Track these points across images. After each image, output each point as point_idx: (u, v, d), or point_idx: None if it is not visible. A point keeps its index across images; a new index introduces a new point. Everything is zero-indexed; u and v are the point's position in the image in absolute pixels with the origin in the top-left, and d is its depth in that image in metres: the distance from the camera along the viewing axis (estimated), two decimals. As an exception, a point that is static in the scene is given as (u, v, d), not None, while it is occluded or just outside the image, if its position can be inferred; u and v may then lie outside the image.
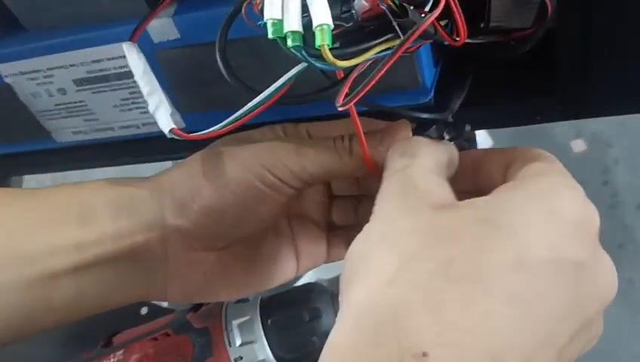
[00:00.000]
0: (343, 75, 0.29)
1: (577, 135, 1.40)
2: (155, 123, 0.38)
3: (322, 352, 0.22)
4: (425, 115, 0.31)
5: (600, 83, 0.32)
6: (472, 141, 0.51)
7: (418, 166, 0.26)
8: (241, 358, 0.38)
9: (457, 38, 0.27)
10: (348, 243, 0.25)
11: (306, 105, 0.34)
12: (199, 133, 0.30)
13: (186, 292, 0.35)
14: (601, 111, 0.33)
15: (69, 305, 0.33)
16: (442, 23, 0.28)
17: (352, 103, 0.26)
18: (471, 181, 0.29)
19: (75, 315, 0.34)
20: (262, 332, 0.39)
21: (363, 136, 0.30)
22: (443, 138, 0.31)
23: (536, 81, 0.34)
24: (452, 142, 0.29)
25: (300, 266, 0.37)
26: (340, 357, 0.21)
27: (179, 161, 0.37)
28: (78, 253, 0.33)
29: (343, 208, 0.38)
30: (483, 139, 1.32)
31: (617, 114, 0.33)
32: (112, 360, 0.40)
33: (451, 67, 0.35)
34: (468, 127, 0.31)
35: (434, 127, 0.31)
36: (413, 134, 0.32)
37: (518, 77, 0.35)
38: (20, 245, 0.32)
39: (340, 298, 0.24)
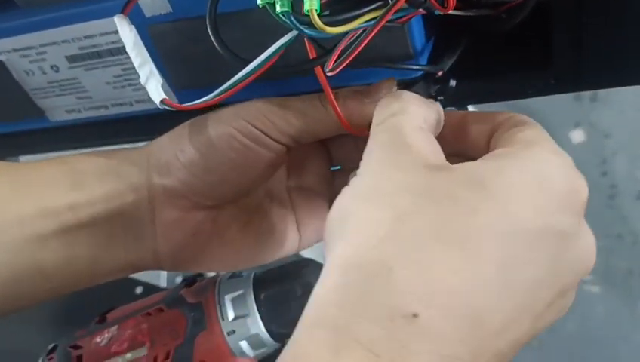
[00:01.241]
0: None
1: (576, 125, 1.40)
2: (148, 101, 0.39)
3: (308, 304, 0.22)
4: (415, 67, 0.31)
5: (592, 56, 0.32)
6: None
7: (408, 120, 0.26)
8: (234, 332, 0.38)
9: (446, 5, 0.27)
10: None
11: (297, 80, 0.34)
12: (190, 103, 0.30)
13: (175, 255, 0.35)
14: (594, 84, 0.33)
15: (60, 269, 0.34)
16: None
17: (340, 68, 0.26)
18: (453, 143, 0.29)
19: (67, 284, 0.34)
20: (254, 307, 0.39)
21: (330, 92, 0.30)
22: (430, 95, 0.32)
23: (530, 56, 0.35)
24: (438, 102, 0.29)
25: (302, 238, 0.37)
26: (326, 310, 0.21)
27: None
28: (69, 215, 0.33)
29: (345, 180, 0.38)
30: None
31: (609, 86, 0.34)
32: (106, 335, 0.40)
33: (444, 40, 0.35)
34: (453, 83, 0.32)
35: (421, 83, 0.32)
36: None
37: (511, 51, 0.35)
38: (10, 209, 0.33)
39: (324, 254, 0.24)
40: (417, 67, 0.33)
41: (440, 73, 0.33)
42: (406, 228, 0.22)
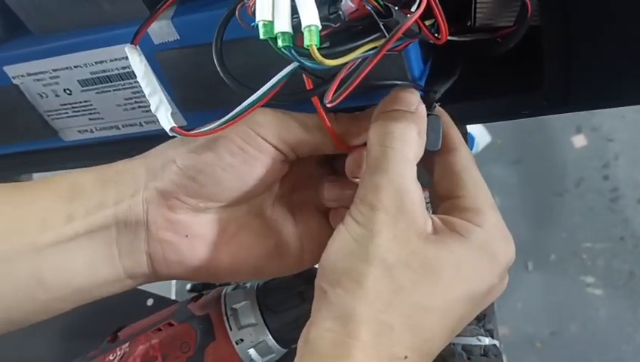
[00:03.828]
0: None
1: (578, 130, 1.41)
2: (157, 121, 0.40)
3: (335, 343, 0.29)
4: (398, 83, 0.33)
5: (581, 79, 0.33)
6: (464, 136, 0.52)
7: (408, 173, 0.30)
8: (242, 340, 0.39)
9: (439, 37, 0.29)
10: None
11: (300, 105, 0.35)
12: (197, 130, 0.32)
13: (168, 257, 0.36)
14: (582, 105, 0.35)
15: (57, 278, 0.34)
16: (428, 23, 0.30)
17: (340, 100, 0.27)
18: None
19: (65, 295, 0.35)
20: (260, 315, 0.40)
21: (325, 116, 0.33)
22: None
23: (523, 78, 0.36)
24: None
25: (305, 251, 0.37)
26: (354, 353, 0.29)
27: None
28: (67, 225, 0.34)
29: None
30: (481, 135, 1.34)
31: (597, 108, 0.35)
32: (118, 353, 0.41)
33: (441, 64, 0.36)
34: (435, 96, 0.33)
35: None
36: None
37: (505, 74, 0.36)
38: (11, 220, 0.34)
39: (322, 290, 0.30)
40: (399, 83, 0.34)
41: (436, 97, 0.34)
42: (403, 300, 0.30)
